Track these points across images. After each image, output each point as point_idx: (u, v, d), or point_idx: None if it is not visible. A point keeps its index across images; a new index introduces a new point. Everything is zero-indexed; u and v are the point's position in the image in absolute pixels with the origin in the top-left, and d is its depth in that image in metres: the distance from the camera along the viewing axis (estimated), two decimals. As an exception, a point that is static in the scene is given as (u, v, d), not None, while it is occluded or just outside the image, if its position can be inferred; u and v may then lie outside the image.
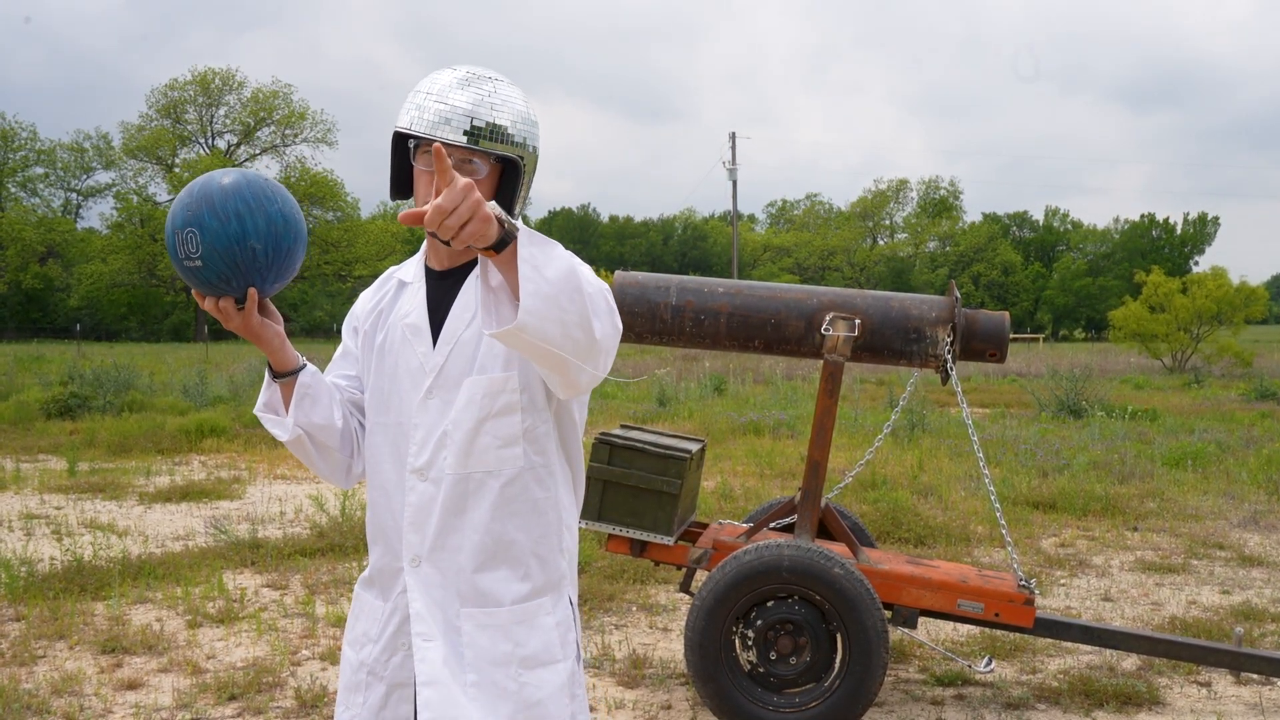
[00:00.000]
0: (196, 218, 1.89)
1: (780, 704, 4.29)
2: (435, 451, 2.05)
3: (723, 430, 14.17)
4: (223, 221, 1.88)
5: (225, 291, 1.94)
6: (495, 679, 2.04)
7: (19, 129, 68.82)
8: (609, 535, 4.74)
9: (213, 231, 1.88)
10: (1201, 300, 30.39)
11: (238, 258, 1.90)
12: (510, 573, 2.07)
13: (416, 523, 2.07)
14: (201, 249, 1.89)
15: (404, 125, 2.04)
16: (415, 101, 2.03)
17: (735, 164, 52.77)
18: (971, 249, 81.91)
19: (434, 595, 2.06)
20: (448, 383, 2.06)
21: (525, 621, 2.07)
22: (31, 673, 5.01)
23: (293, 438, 2.10)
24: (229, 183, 1.92)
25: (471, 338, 2.07)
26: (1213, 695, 4.92)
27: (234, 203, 1.89)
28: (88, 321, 60.25)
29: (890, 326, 4.68)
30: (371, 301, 2.23)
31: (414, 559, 2.07)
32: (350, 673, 2.16)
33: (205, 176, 1.95)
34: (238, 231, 1.89)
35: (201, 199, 1.90)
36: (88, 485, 10.09)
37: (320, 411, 2.11)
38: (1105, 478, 10.56)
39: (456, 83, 2.02)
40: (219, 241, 1.88)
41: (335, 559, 7.19)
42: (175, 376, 21.90)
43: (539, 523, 2.10)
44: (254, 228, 1.90)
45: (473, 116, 2.00)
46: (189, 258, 1.90)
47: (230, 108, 70.61)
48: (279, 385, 2.11)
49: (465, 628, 2.05)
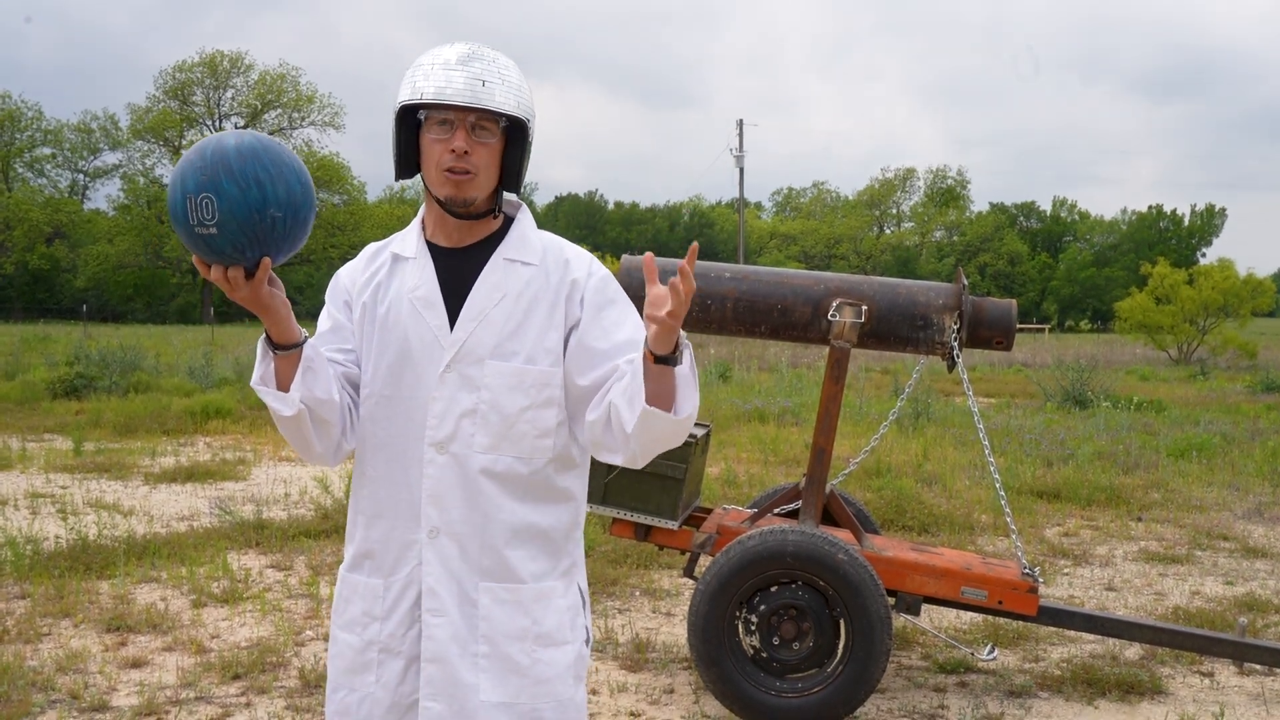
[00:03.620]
0: (213, 182, 1.77)
1: (783, 689, 4.30)
2: (457, 426, 2.06)
3: (728, 417, 14.17)
4: (243, 188, 1.78)
5: (237, 261, 1.84)
6: (509, 652, 2.07)
7: (25, 109, 68.76)
8: (613, 519, 4.75)
9: (231, 198, 1.78)
10: (1208, 292, 30.26)
11: (257, 226, 1.80)
12: (532, 552, 2.10)
13: (436, 495, 2.07)
14: (218, 216, 1.78)
15: (429, 96, 2.01)
16: (433, 73, 2.02)
17: (742, 151, 52.77)
18: (978, 239, 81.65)
19: (451, 567, 2.07)
20: (469, 358, 2.06)
21: (542, 600, 2.10)
22: (37, 650, 5.03)
23: (295, 412, 1.99)
24: (245, 145, 1.81)
25: (500, 318, 2.07)
26: (1215, 685, 4.92)
27: (253, 168, 1.79)
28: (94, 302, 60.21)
29: (897, 313, 4.66)
30: (364, 275, 2.17)
31: (432, 531, 2.07)
32: (353, 655, 2.13)
33: (215, 138, 1.83)
34: (258, 199, 1.79)
35: (217, 162, 1.79)
36: (93, 465, 10.12)
37: (321, 385, 2.01)
38: (1110, 468, 10.55)
39: (466, 55, 2.03)
40: (238, 209, 1.78)
41: (339, 540, 7.21)
42: (181, 358, 21.92)
43: (557, 509, 2.14)
44: (274, 196, 1.81)
45: (493, 84, 2.02)
46: (202, 224, 1.79)
47: (238, 90, 70.50)
48: (277, 358, 1.99)
49: (482, 600, 2.07)
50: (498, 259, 2.11)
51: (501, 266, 2.10)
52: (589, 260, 2.17)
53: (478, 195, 2.06)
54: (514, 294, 2.09)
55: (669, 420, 1.91)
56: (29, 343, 26.95)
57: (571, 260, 2.15)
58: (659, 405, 1.91)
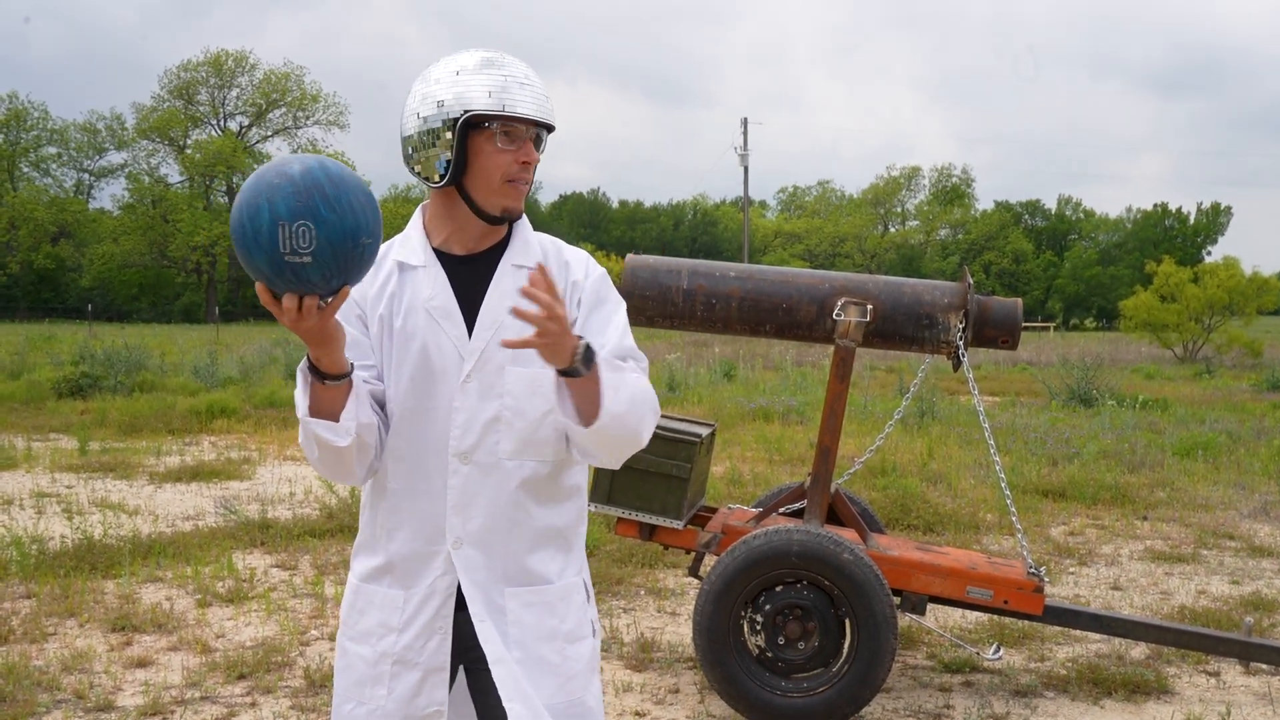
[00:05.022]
0: (310, 209, 1.71)
1: (788, 689, 4.29)
2: (482, 435, 2.06)
3: (732, 416, 14.16)
4: (340, 215, 1.73)
5: (319, 289, 1.77)
6: (541, 654, 2.09)
7: (31, 108, 68.90)
8: (618, 519, 4.74)
9: (330, 225, 1.72)
10: (1213, 290, 30.20)
11: (349, 254, 1.75)
12: (553, 553, 2.14)
13: (460, 505, 2.07)
14: (315, 244, 1.71)
15: (509, 108, 2.00)
16: (509, 86, 2.01)
17: (747, 149, 52.74)
18: (983, 237, 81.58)
19: (477, 576, 2.07)
20: (488, 366, 2.07)
21: (566, 598, 2.14)
22: (42, 650, 5.04)
23: (350, 442, 1.93)
24: (334, 171, 1.75)
25: (515, 324, 2.06)
26: (1221, 685, 4.91)
27: (348, 195, 1.74)
28: (99, 302, 60.28)
29: (902, 312, 4.66)
30: (374, 286, 2.12)
31: (456, 540, 2.07)
32: (365, 667, 2.11)
33: (291, 160, 1.76)
34: (353, 226, 1.74)
35: (312, 187, 1.72)
36: (98, 464, 10.13)
37: (365, 410, 1.97)
38: (1115, 467, 10.53)
39: (523, 69, 2.06)
40: (335, 236, 1.72)
41: (345, 540, 7.21)
42: (186, 357, 21.97)
43: (568, 506, 2.17)
44: (366, 223, 1.77)
45: (548, 98, 2.09)
46: (295, 252, 1.70)
47: (242, 89, 70.67)
48: (325, 388, 1.92)
49: (510, 606, 2.08)
50: (506, 265, 2.12)
51: (510, 273, 2.11)
52: (586, 260, 2.19)
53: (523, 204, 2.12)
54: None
55: (586, 433, 1.96)
56: (34, 342, 27.01)
57: (571, 262, 2.18)
58: (587, 413, 1.96)
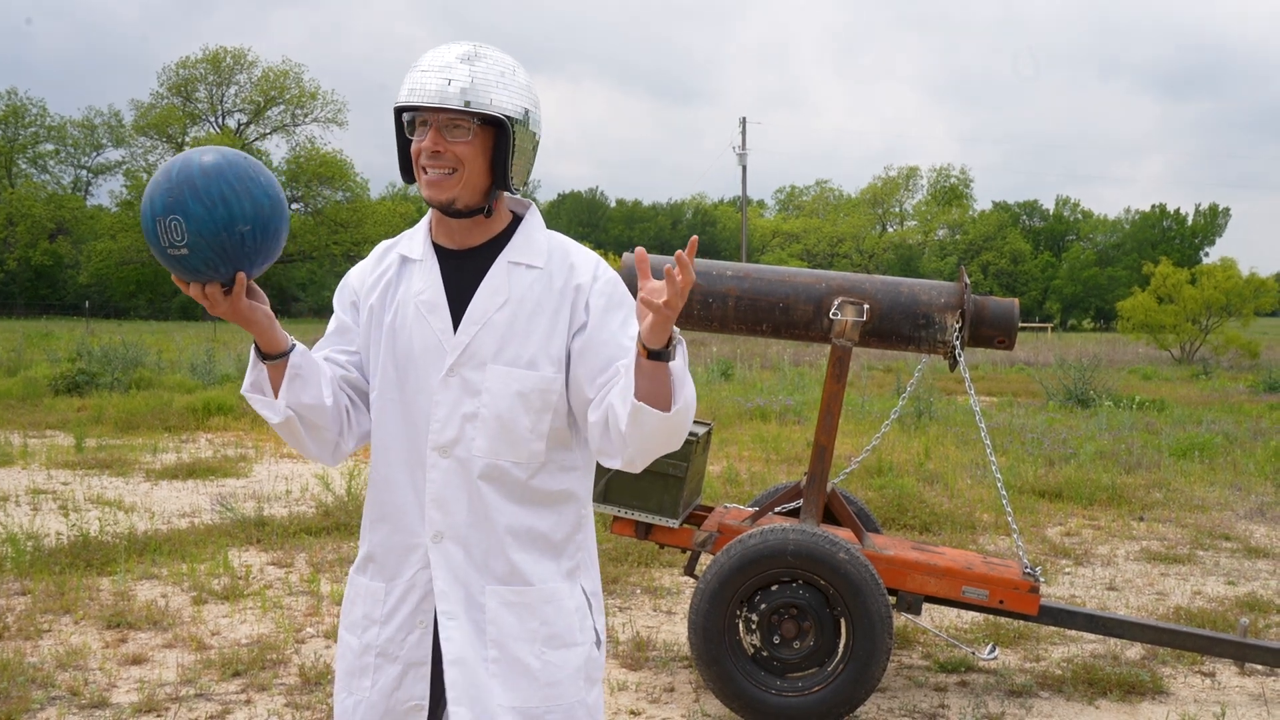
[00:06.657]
0: (179, 203, 1.79)
1: (783, 688, 4.29)
2: (460, 430, 2.05)
3: (729, 415, 14.16)
4: (208, 207, 1.80)
5: (211, 278, 1.86)
6: (518, 655, 2.06)
7: (29, 105, 68.82)
8: (614, 517, 4.74)
9: (198, 218, 1.80)
10: (1210, 291, 30.22)
11: (226, 244, 1.82)
12: (538, 556, 2.10)
13: (440, 499, 2.06)
14: (187, 237, 1.80)
15: (402, 98, 2.03)
16: (410, 76, 2.03)
17: (745, 149, 52.68)
18: (981, 237, 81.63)
19: (456, 572, 2.06)
20: (471, 361, 2.06)
21: (551, 602, 2.09)
22: (37, 646, 5.03)
23: (283, 419, 2.02)
24: (210, 163, 1.82)
25: (503, 321, 2.06)
26: (1217, 686, 4.91)
27: (218, 186, 1.81)
28: (96, 299, 60.29)
29: (899, 312, 4.66)
30: (372, 276, 2.17)
31: (436, 535, 2.06)
32: (353, 657, 2.13)
33: (183, 156, 1.85)
34: (225, 217, 1.81)
35: (183, 182, 1.80)
36: (95, 461, 10.12)
37: (310, 392, 2.03)
38: (1112, 467, 10.53)
39: (457, 58, 2.02)
40: (205, 228, 1.80)
41: (340, 538, 7.21)
42: (183, 355, 21.93)
43: (556, 512, 2.12)
44: (241, 212, 1.82)
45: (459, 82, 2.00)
46: (173, 246, 1.81)
47: (240, 87, 70.54)
48: (266, 366, 2.03)
49: (489, 604, 2.06)
50: (502, 262, 2.10)
51: (505, 270, 2.09)
52: (595, 263, 2.14)
53: (457, 195, 2.04)
54: (517, 298, 2.08)
55: (660, 417, 1.89)
56: (31, 339, 26.99)
57: (577, 264, 2.13)
58: (652, 403, 1.89)
